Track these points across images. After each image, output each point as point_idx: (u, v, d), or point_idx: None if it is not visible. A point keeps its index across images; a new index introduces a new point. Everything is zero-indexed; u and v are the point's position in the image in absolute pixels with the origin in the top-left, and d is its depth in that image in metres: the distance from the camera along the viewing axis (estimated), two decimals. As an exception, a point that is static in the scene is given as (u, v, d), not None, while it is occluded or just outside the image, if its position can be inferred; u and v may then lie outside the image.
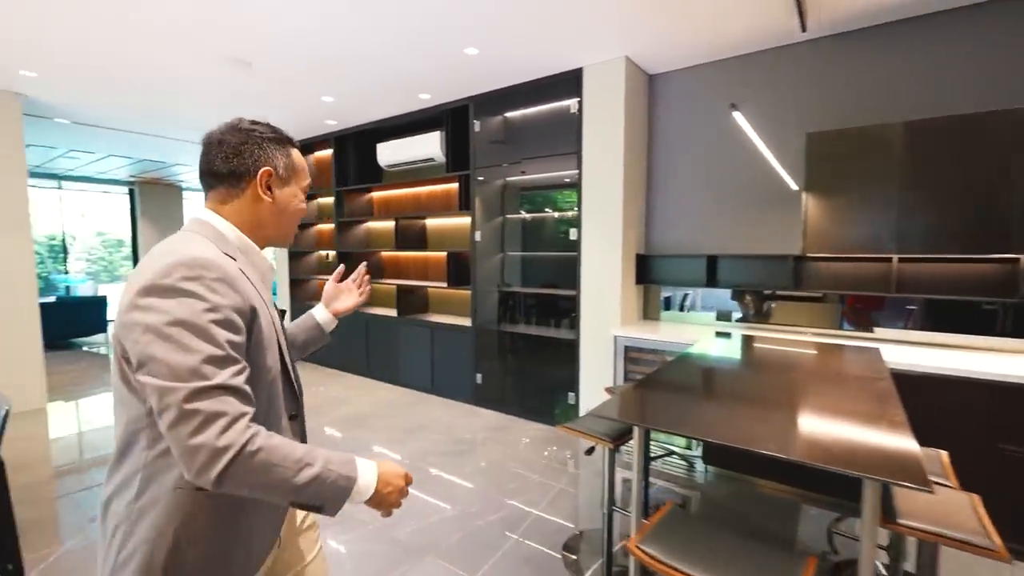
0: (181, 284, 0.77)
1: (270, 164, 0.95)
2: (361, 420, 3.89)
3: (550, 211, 4.00)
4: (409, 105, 4.29)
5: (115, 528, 0.82)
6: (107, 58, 3.26)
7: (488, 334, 4.13)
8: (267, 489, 0.75)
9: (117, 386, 0.82)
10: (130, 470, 0.81)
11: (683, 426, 1.47)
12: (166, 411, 0.72)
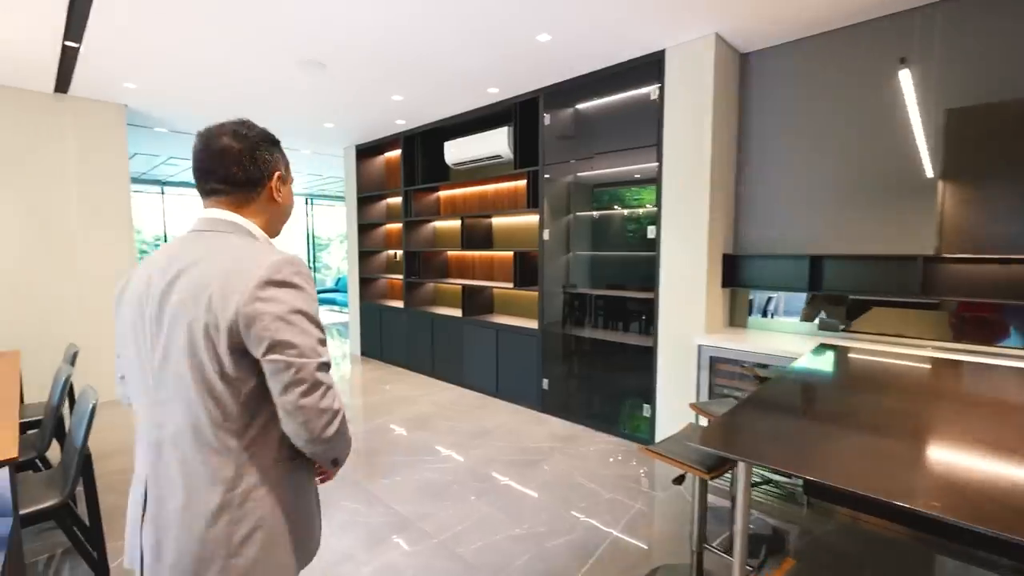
0: (292, 279, 0.85)
1: (278, 167, 1.00)
2: (425, 421, 3.83)
3: (623, 208, 3.73)
4: (477, 100, 4.18)
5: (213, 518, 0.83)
6: (194, 67, 3.42)
7: (555, 338, 3.93)
8: (344, 443, 0.90)
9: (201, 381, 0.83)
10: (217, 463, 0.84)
11: (807, 466, 1.19)
12: (299, 383, 0.81)
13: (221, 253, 0.86)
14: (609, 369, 3.65)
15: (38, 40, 3.01)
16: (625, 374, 3.54)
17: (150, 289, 0.87)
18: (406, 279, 5.38)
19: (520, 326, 4.16)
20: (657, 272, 3.21)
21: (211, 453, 0.83)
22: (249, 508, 0.85)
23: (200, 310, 0.81)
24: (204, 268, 0.84)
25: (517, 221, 4.63)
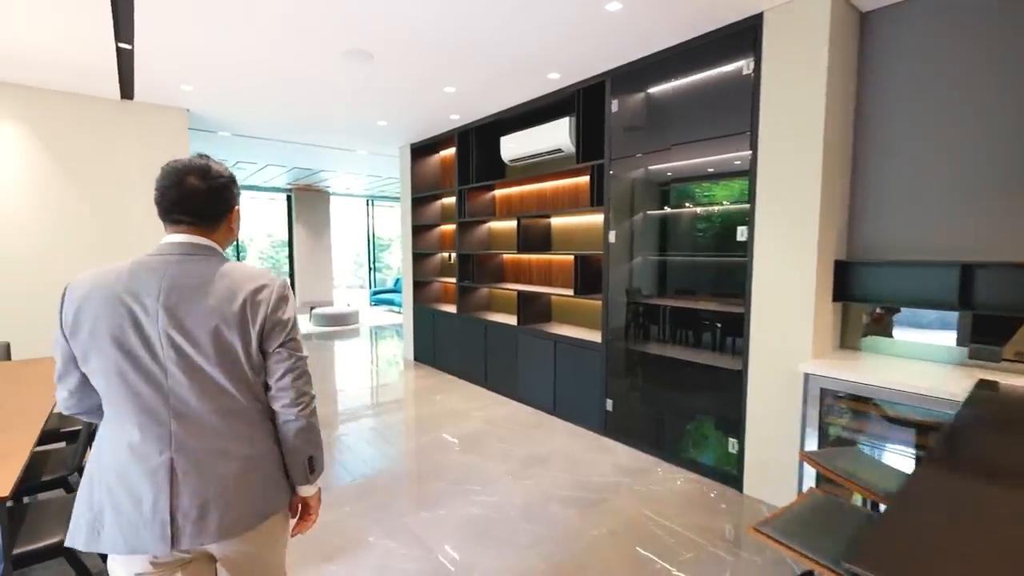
0: (289, 294, 1.12)
1: (236, 203, 1.16)
2: (476, 440, 3.51)
3: (701, 205, 3.20)
4: (536, 89, 3.80)
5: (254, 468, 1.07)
6: (242, 65, 3.30)
7: (621, 353, 3.47)
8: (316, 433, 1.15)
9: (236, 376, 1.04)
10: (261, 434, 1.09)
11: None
12: (298, 371, 1.11)
13: (232, 272, 1.07)
14: (685, 393, 3.15)
15: (93, 43, 2.98)
16: (705, 399, 3.03)
17: (146, 309, 1.00)
18: (459, 283, 5.10)
19: (581, 338, 3.74)
20: (748, 280, 2.68)
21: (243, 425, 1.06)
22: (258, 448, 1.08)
23: (233, 318, 1.02)
24: (228, 283, 1.04)
25: (578, 221, 4.20)
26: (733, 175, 2.91)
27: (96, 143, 4.05)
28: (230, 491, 1.03)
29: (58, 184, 3.93)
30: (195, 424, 1.02)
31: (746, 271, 2.68)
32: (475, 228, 5.17)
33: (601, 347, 3.55)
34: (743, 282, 2.72)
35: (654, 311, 3.41)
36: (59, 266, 3.94)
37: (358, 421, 3.97)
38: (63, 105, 3.91)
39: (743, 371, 2.73)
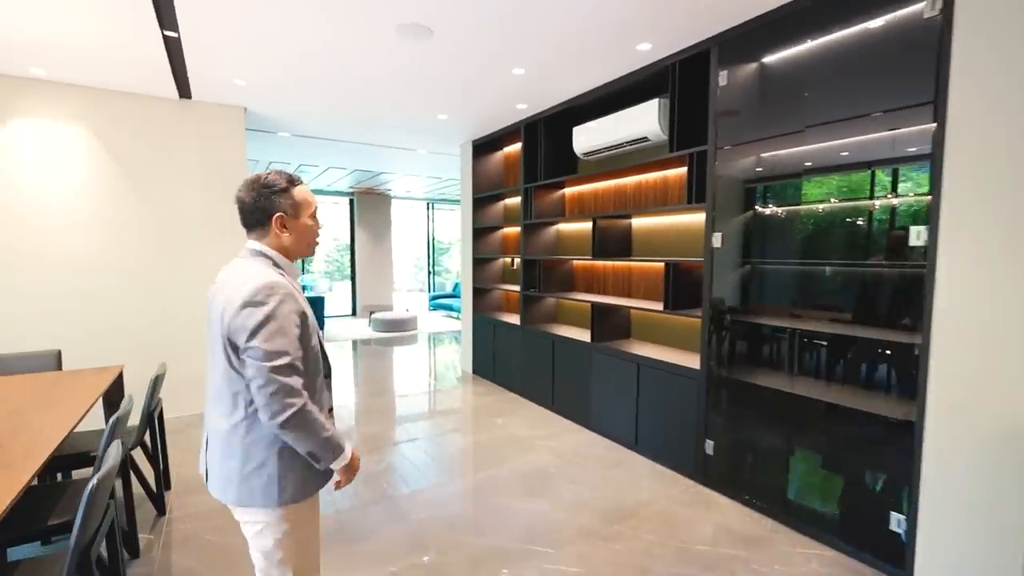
0: (264, 299, 1.16)
1: (279, 210, 1.28)
2: (543, 480, 2.98)
3: (847, 200, 2.47)
4: (620, 65, 3.22)
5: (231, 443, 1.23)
6: (291, 52, 2.98)
7: (728, 384, 2.81)
8: (306, 438, 1.18)
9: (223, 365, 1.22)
10: (237, 418, 1.22)
11: None
12: (256, 378, 1.14)
13: (234, 275, 1.24)
14: (820, 442, 2.44)
15: (139, 33, 2.76)
16: (850, 454, 2.32)
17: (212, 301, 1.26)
18: (523, 291, 4.60)
19: (672, 362, 3.10)
20: (927, 300, 1.95)
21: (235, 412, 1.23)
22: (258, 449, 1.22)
23: (219, 320, 1.20)
24: (225, 289, 1.22)
25: (668, 222, 3.57)
26: (899, 161, 2.19)
27: (155, 144, 3.94)
28: (215, 462, 1.27)
29: (118, 186, 3.84)
30: (211, 399, 1.28)
31: (924, 287, 1.96)
32: (542, 231, 4.65)
33: (699, 375, 2.90)
34: (915, 301, 2.01)
35: (774, 334, 2.71)
36: (113, 270, 3.84)
37: (412, 443, 3.56)
38: (125, 106, 3.81)
39: (916, 423, 2.00)
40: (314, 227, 1.36)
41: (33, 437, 1.84)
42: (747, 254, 2.78)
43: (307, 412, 1.17)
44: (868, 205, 2.30)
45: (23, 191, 3.54)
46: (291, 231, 1.31)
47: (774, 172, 2.67)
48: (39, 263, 3.61)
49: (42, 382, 2.63)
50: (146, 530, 2.46)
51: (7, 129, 3.47)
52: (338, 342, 7.74)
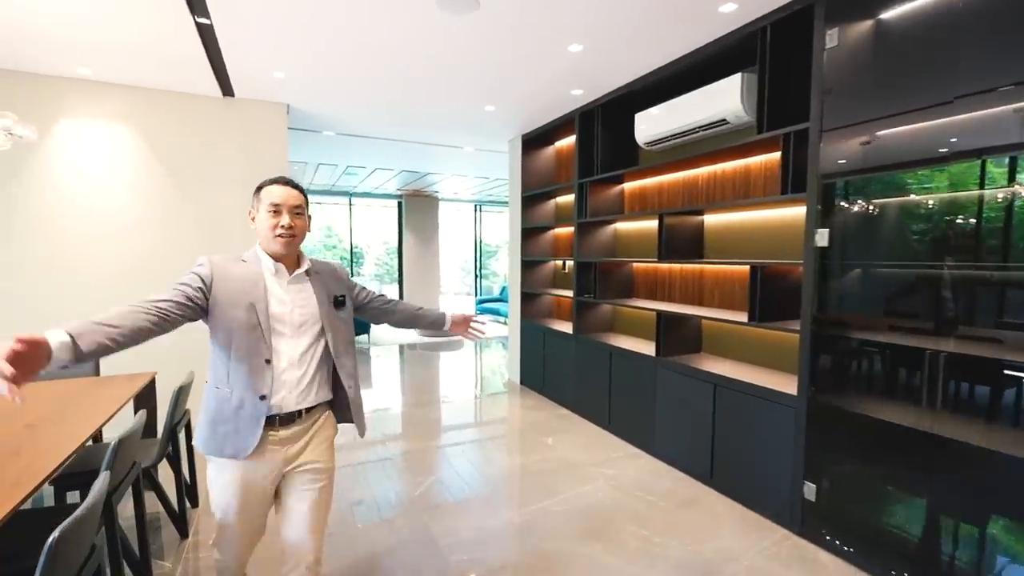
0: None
1: (251, 206, 1.50)
2: (604, 519, 2.55)
3: (1000, 187, 1.89)
4: (698, 34, 2.77)
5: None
6: (329, 34, 2.74)
7: (837, 416, 2.27)
8: None
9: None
10: None
11: None
12: None
13: None
14: (959, 494, 1.88)
15: (171, 21, 2.60)
16: (1004, 509, 1.75)
17: None
18: (577, 297, 4.18)
19: (758, 384, 2.60)
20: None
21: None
22: None
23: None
24: None
25: (751, 218, 3.06)
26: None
27: (199, 143, 3.85)
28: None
29: (162, 186, 3.77)
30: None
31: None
32: (597, 230, 4.22)
33: (797, 403, 2.38)
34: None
35: (903, 355, 2.14)
36: (157, 271, 3.76)
37: (451, 464, 3.23)
38: (169, 105, 3.74)
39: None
40: (268, 220, 1.44)
41: (38, 454, 1.64)
42: (863, 255, 2.24)
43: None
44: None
45: (69, 191, 3.52)
46: (256, 223, 1.48)
47: (906, 154, 2.12)
48: (82, 263, 3.58)
49: (74, 389, 2.51)
50: (167, 555, 2.25)
51: (57, 129, 3.46)
52: (384, 346, 7.61)
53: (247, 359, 1.38)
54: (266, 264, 1.46)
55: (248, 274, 1.43)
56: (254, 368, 1.38)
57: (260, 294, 1.41)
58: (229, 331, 1.37)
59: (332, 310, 1.54)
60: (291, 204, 1.45)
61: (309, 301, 1.49)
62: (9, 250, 3.40)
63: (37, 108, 3.36)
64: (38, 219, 3.46)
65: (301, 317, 1.46)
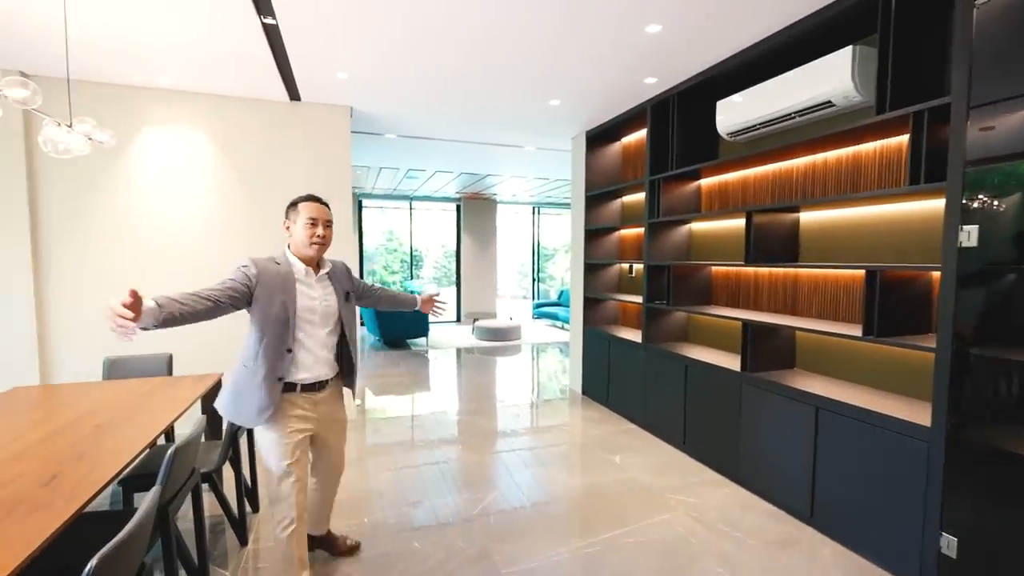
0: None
1: (286, 218, 1.87)
2: (685, 557, 2.24)
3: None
4: (800, 4, 2.41)
5: None
6: (395, 37, 2.64)
7: (982, 454, 1.85)
8: None
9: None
10: None
11: None
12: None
13: None
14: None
15: (238, 22, 2.60)
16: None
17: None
18: (647, 303, 3.87)
19: (875, 411, 2.19)
20: None
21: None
22: None
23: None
24: None
25: (860, 215, 2.64)
26: None
27: (267, 146, 3.93)
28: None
29: (233, 187, 3.87)
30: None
31: None
32: (670, 231, 3.88)
33: (932, 436, 1.97)
34: None
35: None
36: (226, 265, 3.84)
37: (512, 479, 3.03)
38: (240, 110, 3.84)
39: None
40: (306, 230, 1.81)
41: (106, 455, 1.62)
42: (1020, 258, 1.81)
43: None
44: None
45: (151, 193, 3.68)
46: (292, 232, 1.84)
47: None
48: (161, 264, 3.73)
49: (146, 388, 2.55)
50: (228, 562, 2.21)
51: (140, 136, 3.62)
52: (442, 349, 7.58)
53: (274, 346, 1.73)
54: (296, 267, 1.83)
55: (282, 275, 1.77)
56: (278, 354, 1.74)
57: (292, 293, 1.77)
58: (263, 322, 1.73)
59: (346, 304, 1.94)
60: (324, 218, 1.84)
61: (330, 298, 1.89)
62: (100, 245, 3.60)
63: (123, 117, 3.54)
64: (125, 219, 3.64)
65: (325, 310, 1.85)
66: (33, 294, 3.44)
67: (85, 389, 2.53)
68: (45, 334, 3.50)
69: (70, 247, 3.54)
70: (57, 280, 3.53)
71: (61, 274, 3.53)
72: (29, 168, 3.39)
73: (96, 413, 2.10)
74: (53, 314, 3.52)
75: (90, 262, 3.58)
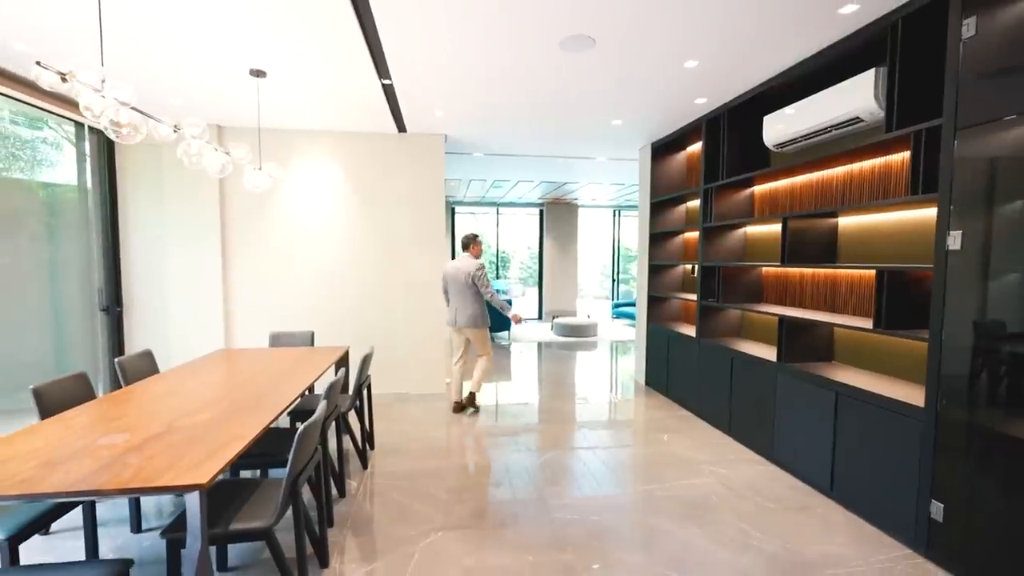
0: (483, 266, 4.39)
1: (475, 244, 4.46)
2: (704, 510, 2.69)
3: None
4: (817, 39, 2.75)
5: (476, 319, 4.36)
6: (473, 81, 3.37)
7: (971, 431, 2.11)
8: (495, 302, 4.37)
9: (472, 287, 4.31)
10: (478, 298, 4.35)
11: None
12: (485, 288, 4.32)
13: (462, 261, 4.37)
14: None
15: (365, 83, 3.49)
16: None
17: (458, 271, 4.32)
18: (700, 301, 4.24)
19: (881, 394, 2.48)
20: None
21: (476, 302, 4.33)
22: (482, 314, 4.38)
23: (464, 274, 4.29)
24: (460, 265, 4.34)
25: (887, 220, 2.87)
26: None
27: (381, 172, 4.89)
28: (465, 316, 4.29)
29: (355, 207, 4.89)
30: (460, 299, 4.31)
31: None
32: (725, 234, 4.21)
33: (924, 415, 2.25)
34: None
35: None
36: (351, 275, 4.88)
37: (570, 448, 3.62)
38: (362, 144, 4.84)
39: None
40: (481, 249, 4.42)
41: (284, 393, 2.50)
42: (1006, 259, 2.04)
43: (495, 295, 4.31)
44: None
45: (299, 210, 4.81)
46: (479, 249, 4.39)
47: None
48: (307, 263, 4.84)
49: (300, 353, 3.53)
50: (353, 478, 3.07)
51: (293, 166, 4.76)
52: (525, 343, 8.30)
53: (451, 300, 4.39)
54: (467, 263, 4.30)
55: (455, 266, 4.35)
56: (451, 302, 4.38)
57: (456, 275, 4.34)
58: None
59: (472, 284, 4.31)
60: (479, 242, 4.43)
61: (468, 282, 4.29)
62: (265, 249, 4.79)
63: (282, 152, 4.69)
64: (282, 229, 4.80)
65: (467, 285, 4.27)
66: (221, 283, 4.71)
67: (258, 353, 3.56)
68: (230, 311, 4.76)
69: (245, 250, 4.76)
70: (237, 274, 4.77)
71: (239, 270, 4.77)
72: (220, 193, 4.65)
73: (267, 370, 3.05)
74: (234, 298, 4.77)
75: (259, 261, 4.79)
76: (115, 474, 1.53)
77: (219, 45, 2.87)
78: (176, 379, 2.77)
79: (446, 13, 2.48)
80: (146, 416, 2.10)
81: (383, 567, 2.18)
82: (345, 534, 2.45)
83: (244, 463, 2.45)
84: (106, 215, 4.37)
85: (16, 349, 3.71)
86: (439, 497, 2.82)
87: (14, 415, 1.95)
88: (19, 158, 3.95)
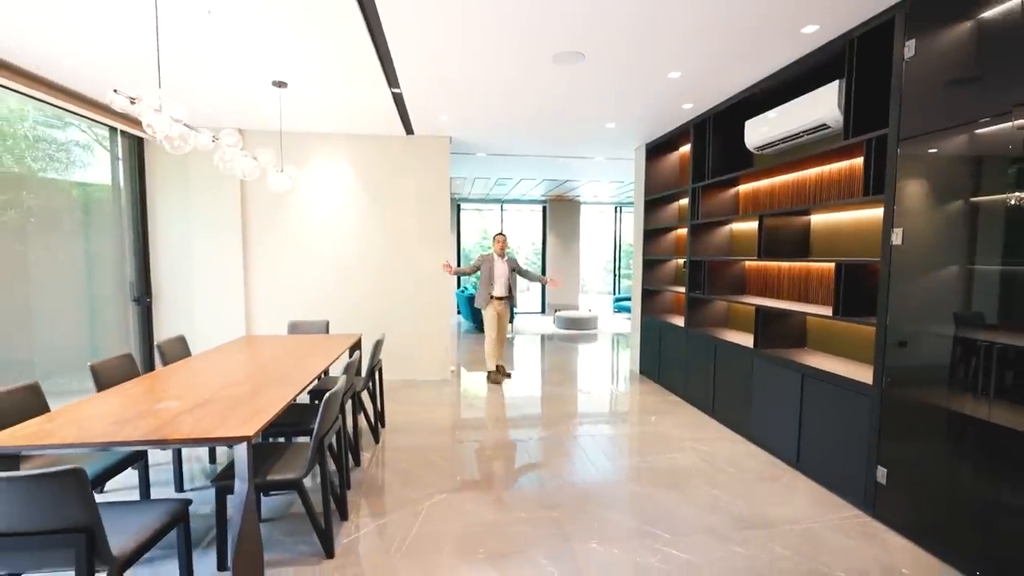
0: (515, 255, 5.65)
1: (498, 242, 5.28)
2: (681, 479, 3.00)
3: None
4: (784, 55, 3.02)
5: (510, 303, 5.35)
6: (475, 89, 3.67)
7: (909, 405, 2.40)
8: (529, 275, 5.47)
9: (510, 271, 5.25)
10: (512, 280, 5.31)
11: None
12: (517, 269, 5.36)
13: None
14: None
15: (376, 92, 3.81)
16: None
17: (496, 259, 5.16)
18: (688, 293, 4.53)
19: (840, 375, 2.77)
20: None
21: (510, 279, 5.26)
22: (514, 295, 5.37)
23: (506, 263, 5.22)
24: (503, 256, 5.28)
25: (850, 218, 3.15)
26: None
27: (389, 172, 5.21)
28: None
29: (365, 205, 5.21)
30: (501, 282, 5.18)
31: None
32: (711, 231, 4.50)
33: (871, 392, 2.54)
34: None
35: (974, 350, 2.21)
36: (362, 269, 5.21)
37: (564, 428, 3.93)
38: (371, 146, 5.16)
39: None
40: (496, 245, 5.20)
41: (306, 371, 2.83)
42: (941, 254, 2.32)
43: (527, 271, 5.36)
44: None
45: (314, 208, 5.14)
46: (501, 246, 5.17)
47: (988, 155, 2.19)
48: (321, 256, 5.18)
49: (317, 339, 3.86)
50: (367, 451, 3.41)
51: (307, 168, 5.09)
52: (527, 335, 8.61)
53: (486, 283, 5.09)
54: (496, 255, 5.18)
55: (489, 259, 5.17)
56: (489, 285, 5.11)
57: (490, 264, 5.15)
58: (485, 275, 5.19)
59: (511, 272, 5.20)
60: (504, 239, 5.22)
61: (503, 267, 5.15)
62: (282, 242, 5.13)
63: (299, 154, 5.02)
64: (298, 225, 5.14)
65: (501, 272, 5.13)
66: (242, 276, 5.05)
67: (278, 339, 3.90)
68: (250, 301, 5.11)
69: (264, 242, 5.11)
70: (257, 264, 5.11)
71: (259, 261, 5.12)
72: (241, 192, 4.99)
73: (288, 353, 3.38)
74: (254, 290, 5.12)
75: (277, 255, 5.13)
76: (175, 428, 1.86)
77: (246, 61, 3.19)
78: (209, 360, 3.11)
79: (450, 30, 2.79)
80: (190, 388, 2.44)
81: (395, 519, 2.52)
82: (361, 495, 2.78)
83: (273, 431, 2.79)
84: (136, 213, 4.73)
85: (55, 336, 4.08)
86: (443, 467, 3.15)
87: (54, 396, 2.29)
88: (56, 160, 4.31)
